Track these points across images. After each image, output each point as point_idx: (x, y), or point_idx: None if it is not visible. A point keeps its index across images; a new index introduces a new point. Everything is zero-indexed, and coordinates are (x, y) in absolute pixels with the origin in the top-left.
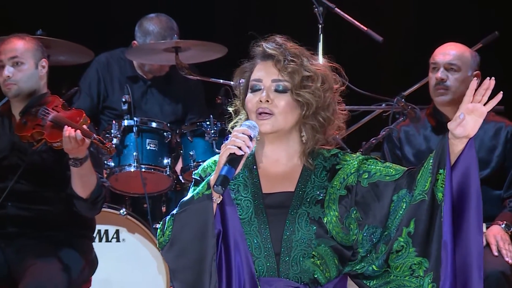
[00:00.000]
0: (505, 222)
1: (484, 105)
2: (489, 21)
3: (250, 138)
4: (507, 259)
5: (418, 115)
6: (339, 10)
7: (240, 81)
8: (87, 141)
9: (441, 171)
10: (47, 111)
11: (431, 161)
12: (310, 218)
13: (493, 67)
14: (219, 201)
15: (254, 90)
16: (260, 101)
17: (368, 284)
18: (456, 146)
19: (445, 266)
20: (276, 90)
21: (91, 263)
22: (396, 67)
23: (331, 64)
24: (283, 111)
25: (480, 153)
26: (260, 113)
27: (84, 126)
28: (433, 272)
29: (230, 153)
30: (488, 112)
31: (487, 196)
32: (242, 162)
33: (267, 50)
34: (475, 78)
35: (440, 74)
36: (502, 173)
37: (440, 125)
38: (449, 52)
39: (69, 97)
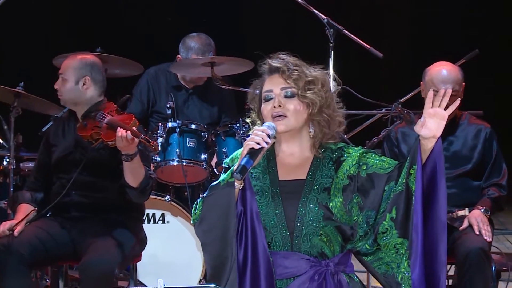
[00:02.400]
0: (484, 207)
1: (445, 109)
2: (471, 40)
3: (269, 136)
4: (485, 237)
5: (412, 118)
6: (346, 32)
7: (255, 93)
8: (136, 140)
9: (414, 167)
10: (103, 115)
11: (408, 157)
12: (319, 203)
13: (474, 80)
14: (241, 187)
15: (267, 99)
16: (274, 106)
17: (366, 259)
18: (426, 145)
19: (416, 245)
20: (285, 96)
21: (141, 241)
22: (393, 78)
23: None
24: (294, 112)
25: (464, 151)
26: (275, 117)
27: (134, 128)
28: (409, 250)
29: (250, 148)
30: (470, 117)
31: (469, 186)
32: (261, 155)
33: (273, 64)
34: (432, 89)
35: None
36: (481, 167)
37: None
38: (449, 79)
39: (122, 103)
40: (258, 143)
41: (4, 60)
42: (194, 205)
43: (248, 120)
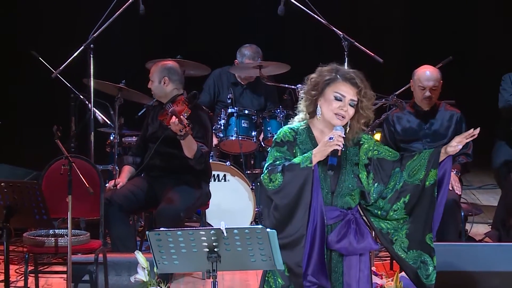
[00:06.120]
0: (455, 170)
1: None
2: (446, 47)
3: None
4: (457, 191)
5: (404, 106)
6: (357, 44)
7: (318, 87)
8: (179, 124)
9: (432, 169)
10: (170, 106)
11: (426, 159)
12: (354, 173)
13: (449, 78)
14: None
15: (337, 99)
16: (341, 107)
17: (370, 218)
18: (443, 157)
19: (437, 218)
20: (350, 105)
21: (205, 195)
22: (390, 76)
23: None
24: (350, 116)
25: (441, 130)
26: (337, 113)
27: (182, 116)
28: (410, 224)
29: (334, 149)
30: (446, 105)
31: None
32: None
33: (355, 80)
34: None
35: (427, 93)
36: None
37: (417, 112)
38: (431, 78)
39: (190, 97)
40: (339, 145)
41: (110, 62)
42: (266, 175)
43: (299, 107)
